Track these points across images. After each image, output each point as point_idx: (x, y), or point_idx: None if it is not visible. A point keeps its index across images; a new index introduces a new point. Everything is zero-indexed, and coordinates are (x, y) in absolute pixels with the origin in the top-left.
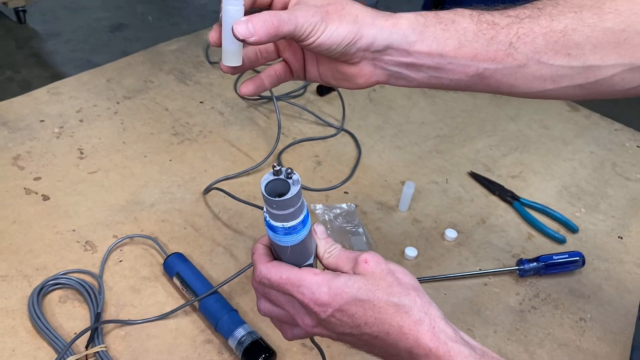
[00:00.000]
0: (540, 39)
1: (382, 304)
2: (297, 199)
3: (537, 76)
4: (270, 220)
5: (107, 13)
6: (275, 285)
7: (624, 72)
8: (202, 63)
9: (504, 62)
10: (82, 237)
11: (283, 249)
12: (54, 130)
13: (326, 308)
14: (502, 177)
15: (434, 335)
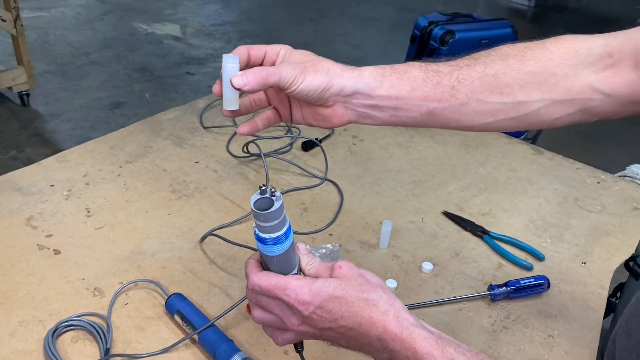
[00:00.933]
0: (477, 82)
1: (354, 300)
2: (280, 212)
3: (477, 112)
4: (259, 232)
5: (106, 92)
6: (265, 290)
7: (547, 106)
8: (197, 128)
9: (449, 102)
10: (91, 284)
11: (270, 259)
12: (62, 193)
13: (308, 306)
14: (474, 214)
15: (398, 322)
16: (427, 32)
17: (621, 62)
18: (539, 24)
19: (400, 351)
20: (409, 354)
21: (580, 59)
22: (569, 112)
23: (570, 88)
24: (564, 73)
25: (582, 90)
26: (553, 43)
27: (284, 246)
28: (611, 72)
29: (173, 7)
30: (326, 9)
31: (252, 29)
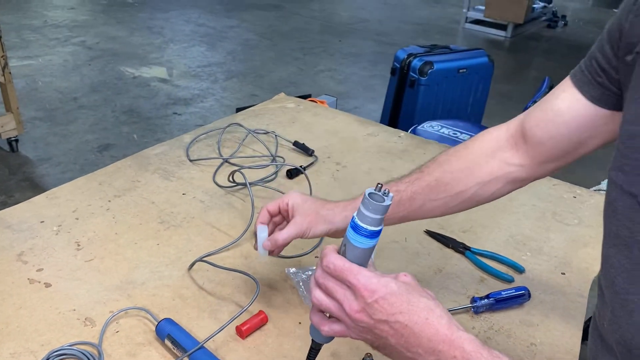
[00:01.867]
0: (426, 189)
1: (414, 300)
2: (386, 209)
3: (433, 207)
4: (358, 220)
5: (95, 135)
6: (337, 270)
7: (480, 188)
8: (184, 162)
9: (411, 208)
10: (82, 314)
11: (354, 249)
12: (53, 229)
13: (373, 294)
14: (455, 232)
15: (450, 327)
16: (407, 64)
17: (520, 138)
18: (517, 53)
19: (448, 351)
20: (457, 353)
21: (492, 148)
22: (499, 186)
23: (491, 170)
24: (484, 161)
25: (500, 168)
26: (472, 141)
27: (371, 243)
28: (515, 148)
29: (159, 50)
30: (309, 47)
31: (238, 69)
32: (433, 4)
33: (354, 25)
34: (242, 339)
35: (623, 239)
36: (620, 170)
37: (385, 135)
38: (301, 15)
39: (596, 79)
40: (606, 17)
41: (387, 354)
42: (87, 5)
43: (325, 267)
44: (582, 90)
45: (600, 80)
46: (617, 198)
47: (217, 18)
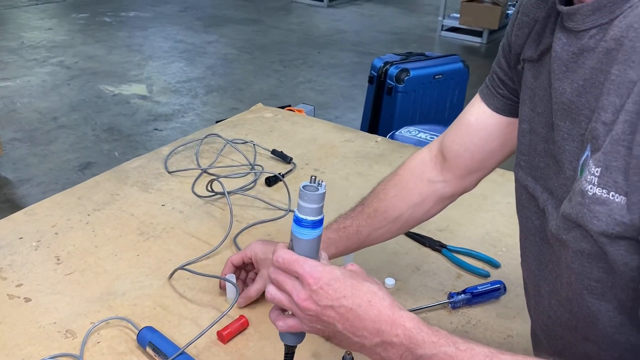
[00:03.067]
0: (368, 220)
1: (358, 285)
2: (321, 198)
3: (379, 235)
4: (298, 213)
5: (75, 154)
6: (286, 262)
7: (412, 209)
8: (162, 174)
9: (359, 240)
10: (63, 327)
11: (299, 241)
12: (32, 244)
13: (318, 280)
14: (432, 231)
15: (392, 308)
16: (384, 72)
17: (441, 156)
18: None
19: (391, 330)
20: (399, 331)
21: (419, 171)
22: (430, 205)
23: (420, 191)
24: (413, 184)
25: (428, 187)
26: (401, 168)
27: (314, 233)
28: (439, 167)
29: (138, 67)
30: (289, 59)
31: (218, 83)
32: (409, 14)
33: (332, 36)
34: (223, 344)
35: (529, 228)
36: (518, 166)
37: (362, 141)
38: (280, 29)
39: (497, 91)
40: None
41: (338, 342)
42: (65, 25)
43: (275, 262)
44: (488, 102)
45: (501, 92)
46: (519, 191)
47: (195, 34)
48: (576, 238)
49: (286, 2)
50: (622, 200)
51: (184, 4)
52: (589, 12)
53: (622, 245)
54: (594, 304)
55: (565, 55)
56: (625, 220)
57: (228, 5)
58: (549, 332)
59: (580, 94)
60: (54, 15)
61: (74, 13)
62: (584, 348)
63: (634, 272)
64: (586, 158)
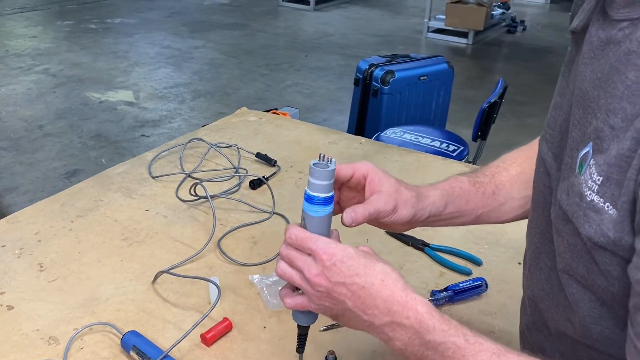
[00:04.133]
0: (507, 185)
1: (371, 264)
2: (332, 174)
3: (512, 207)
4: (309, 191)
5: (62, 162)
6: (299, 239)
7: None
8: (146, 179)
9: (492, 205)
10: (46, 334)
11: (311, 219)
12: (14, 252)
13: (331, 257)
14: (415, 230)
15: (405, 290)
16: (369, 74)
17: None
18: (479, 59)
19: (402, 312)
20: (410, 314)
21: None
22: None
23: None
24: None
25: None
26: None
27: (326, 210)
28: None
29: (125, 74)
30: (276, 63)
31: (205, 88)
32: (395, 16)
33: (319, 40)
34: (207, 347)
35: (539, 202)
36: (544, 139)
37: (347, 143)
38: (266, 33)
39: None
40: (563, 20)
41: (346, 321)
42: (50, 33)
43: (287, 239)
44: None
45: None
46: (539, 164)
47: (182, 39)
48: (570, 231)
49: (273, 6)
50: (614, 213)
51: (170, 9)
52: (625, 2)
53: (605, 254)
54: (579, 290)
55: (595, 40)
56: (609, 234)
57: (214, 10)
58: (537, 303)
59: (595, 87)
60: (38, 23)
61: (59, 20)
62: (565, 327)
63: (613, 280)
64: (586, 154)
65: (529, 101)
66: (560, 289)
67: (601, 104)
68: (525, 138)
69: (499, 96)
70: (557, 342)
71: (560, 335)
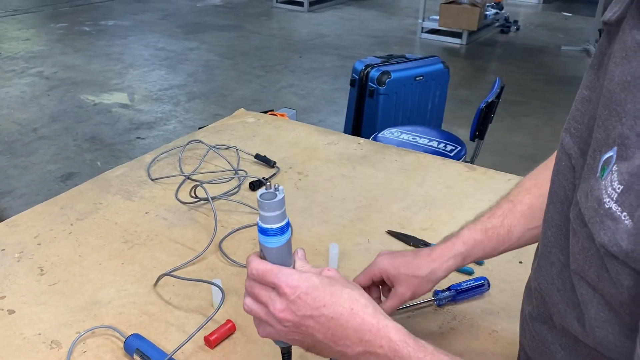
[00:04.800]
0: (521, 220)
1: (338, 292)
2: (281, 204)
3: (532, 236)
4: (261, 224)
5: (57, 165)
6: (260, 274)
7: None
8: (145, 181)
9: (509, 242)
10: (48, 338)
11: (269, 250)
12: (14, 256)
13: (295, 290)
14: (415, 230)
15: (376, 315)
16: (365, 75)
17: None
18: (473, 59)
19: (375, 340)
20: (383, 342)
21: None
22: None
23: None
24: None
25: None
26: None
27: (282, 239)
28: None
29: (119, 76)
30: (271, 64)
31: (200, 90)
32: (389, 17)
33: (313, 41)
34: (210, 349)
35: (559, 195)
36: (567, 132)
37: (345, 143)
38: (261, 34)
39: None
40: (556, 20)
41: (318, 352)
42: (43, 35)
43: (250, 275)
44: None
45: None
46: (560, 158)
47: (176, 41)
48: (585, 235)
49: (267, 8)
50: (629, 224)
51: (163, 11)
52: None
53: (617, 263)
54: (588, 292)
55: (629, 40)
56: (622, 244)
57: (208, 12)
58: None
59: (623, 89)
60: (31, 26)
61: (52, 23)
62: (570, 325)
63: (623, 289)
64: (609, 159)
65: (524, 100)
66: (571, 288)
67: (628, 109)
68: (520, 137)
69: (496, 96)
70: (559, 335)
71: (564, 330)
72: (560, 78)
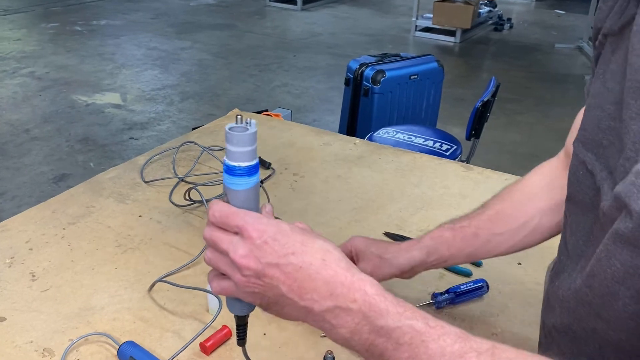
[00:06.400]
0: (488, 224)
1: (309, 241)
2: (252, 139)
3: (500, 242)
4: (228, 161)
5: (50, 166)
6: (224, 215)
7: (542, 218)
8: (139, 184)
9: (476, 244)
10: (40, 345)
11: (235, 193)
12: (5, 261)
13: (262, 234)
14: (413, 231)
15: (349, 269)
16: (360, 74)
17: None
18: (467, 57)
19: (348, 294)
20: (357, 296)
21: (551, 176)
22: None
23: (552, 197)
24: (544, 190)
25: (560, 193)
26: (530, 174)
27: (251, 181)
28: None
29: (111, 76)
30: (265, 63)
31: (193, 90)
32: (383, 15)
33: (307, 40)
34: (206, 355)
35: (584, 205)
36: (579, 141)
37: (341, 144)
38: (254, 33)
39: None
40: (549, 17)
41: (278, 310)
42: (34, 35)
43: (211, 217)
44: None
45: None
46: (576, 167)
47: (168, 41)
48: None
49: (260, 7)
50: None
51: (155, 11)
52: None
53: None
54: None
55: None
56: None
57: (201, 11)
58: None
59: None
60: (23, 26)
61: (44, 23)
62: (595, 324)
63: None
64: None
65: (518, 98)
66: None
67: None
68: (514, 135)
69: (491, 94)
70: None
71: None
72: (553, 76)
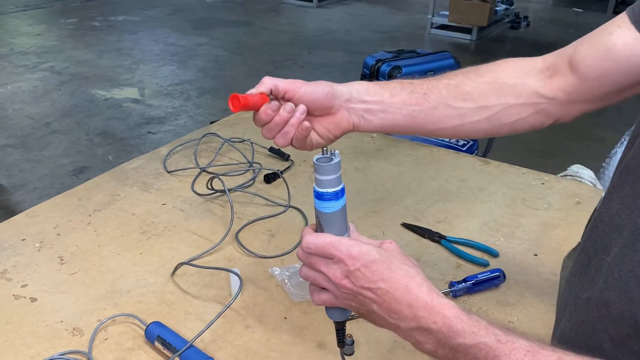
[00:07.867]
0: (443, 90)
1: (395, 268)
2: (337, 168)
3: (447, 115)
4: (317, 188)
5: (69, 159)
6: (318, 247)
7: (504, 110)
8: (162, 173)
9: (423, 105)
10: (70, 325)
11: (325, 216)
12: (35, 245)
13: (355, 262)
14: (430, 223)
15: (430, 293)
16: (376, 70)
17: (558, 72)
18: (482, 55)
19: (429, 317)
20: (437, 319)
21: (525, 72)
22: (523, 115)
23: (519, 94)
24: (513, 82)
25: (529, 95)
26: (502, 61)
27: (338, 204)
28: (550, 81)
29: (129, 71)
30: (280, 60)
31: (210, 85)
32: (398, 12)
33: (322, 36)
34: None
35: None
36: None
37: (359, 137)
38: (270, 30)
39: None
40: (566, 15)
41: (372, 320)
42: (54, 31)
43: (305, 248)
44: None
45: None
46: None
47: (186, 37)
48: None
49: (275, 3)
50: None
51: (173, 7)
52: None
53: None
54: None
55: None
56: None
57: (217, 7)
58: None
59: None
60: (42, 21)
61: (63, 18)
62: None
63: None
64: None
65: None
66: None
67: None
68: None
69: None
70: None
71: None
72: None
